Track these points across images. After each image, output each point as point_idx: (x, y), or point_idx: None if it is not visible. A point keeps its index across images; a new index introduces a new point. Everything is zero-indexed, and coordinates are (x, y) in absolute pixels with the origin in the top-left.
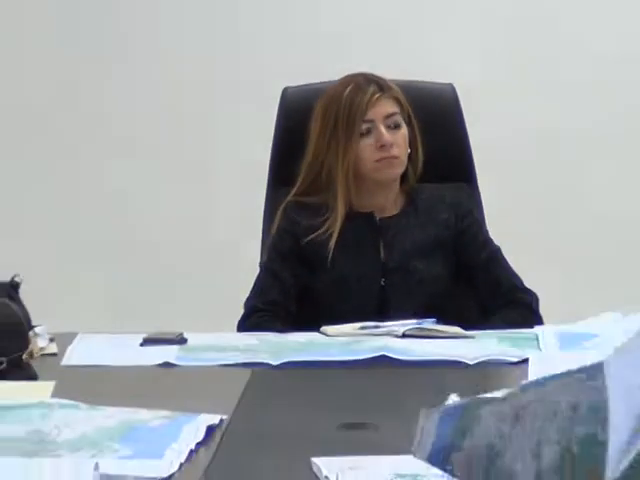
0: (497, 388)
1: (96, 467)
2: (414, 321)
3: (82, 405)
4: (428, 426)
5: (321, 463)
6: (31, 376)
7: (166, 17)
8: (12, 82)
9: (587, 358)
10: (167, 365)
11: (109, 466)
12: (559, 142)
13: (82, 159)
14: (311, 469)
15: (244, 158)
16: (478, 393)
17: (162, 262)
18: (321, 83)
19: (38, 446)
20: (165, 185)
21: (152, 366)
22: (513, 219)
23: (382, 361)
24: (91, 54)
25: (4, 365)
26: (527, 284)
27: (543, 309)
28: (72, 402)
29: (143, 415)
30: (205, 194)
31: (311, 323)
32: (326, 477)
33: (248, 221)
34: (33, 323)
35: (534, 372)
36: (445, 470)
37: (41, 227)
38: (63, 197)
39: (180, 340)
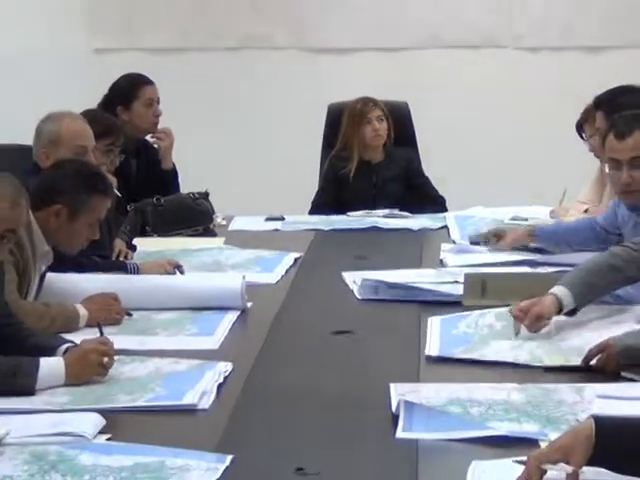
0: (427, 240)
1: (243, 277)
2: (388, 210)
3: (236, 248)
4: None
5: (346, 275)
6: (214, 235)
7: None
8: None
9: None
10: (276, 230)
11: (250, 277)
12: (461, 126)
13: None
14: (342, 279)
15: (315, 133)
16: (419, 242)
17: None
18: (345, 102)
19: (217, 267)
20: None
21: (269, 230)
22: (439, 164)
23: (373, 229)
24: None
25: (201, 230)
26: (441, 192)
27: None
28: (232, 247)
29: (264, 253)
30: (296, 152)
31: (342, 211)
32: (348, 282)
33: (313, 163)
34: (215, 210)
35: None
36: None
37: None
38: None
39: (282, 219)
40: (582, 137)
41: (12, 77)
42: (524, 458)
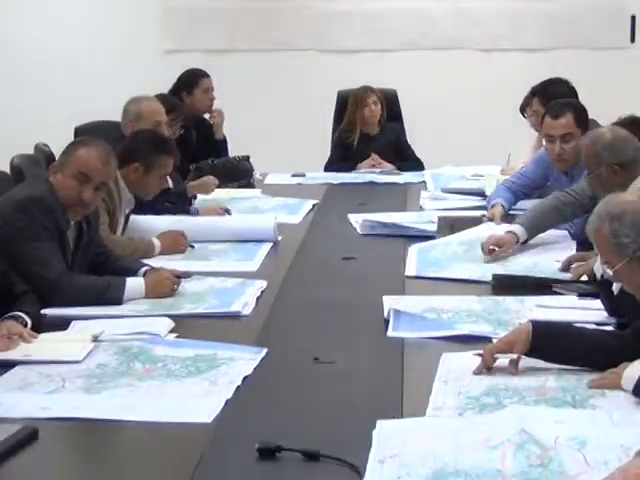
0: (410, 191)
1: (275, 218)
2: (382, 169)
3: (270, 197)
4: None
5: (351, 217)
6: (253, 187)
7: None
8: None
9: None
10: (299, 184)
11: (280, 218)
12: (434, 112)
13: None
14: (348, 220)
15: (327, 112)
16: (404, 192)
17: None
18: (350, 89)
19: (255, 210)
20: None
21: (294, 184)
22: (419, 135)
23: (371, 183)
24: None
25: (244, 184)
26: (420, 156)
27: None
28: (267, 196)
29: (290, 200)
30: (314, 126)
31: (348, 169)
32: (352, 222)
33: (326, 134)
34: (254, 168)
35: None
36: None
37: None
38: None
39: (303, 175)
40: (524, 116)
41: (102, 72)
42: (481, 351)
